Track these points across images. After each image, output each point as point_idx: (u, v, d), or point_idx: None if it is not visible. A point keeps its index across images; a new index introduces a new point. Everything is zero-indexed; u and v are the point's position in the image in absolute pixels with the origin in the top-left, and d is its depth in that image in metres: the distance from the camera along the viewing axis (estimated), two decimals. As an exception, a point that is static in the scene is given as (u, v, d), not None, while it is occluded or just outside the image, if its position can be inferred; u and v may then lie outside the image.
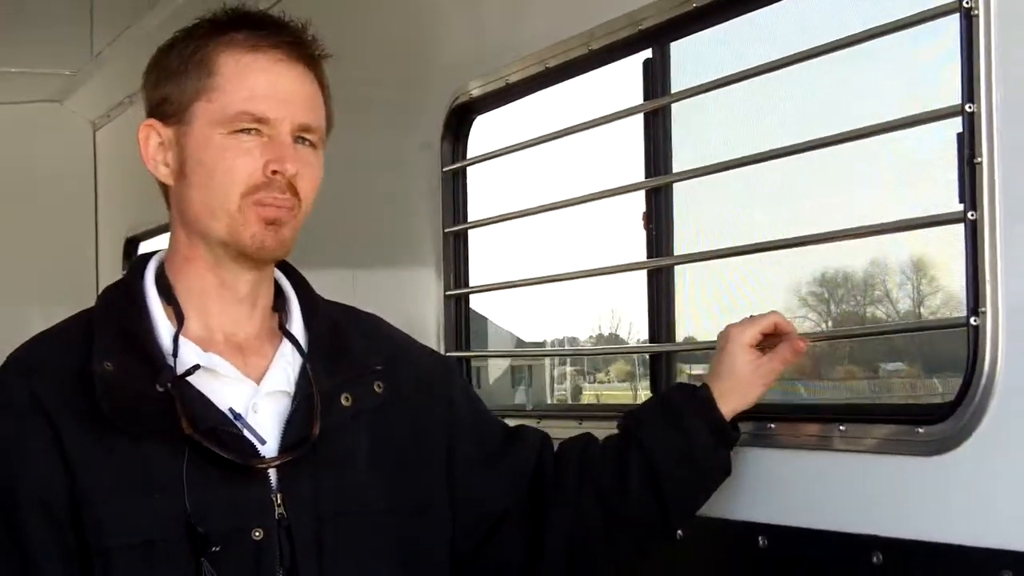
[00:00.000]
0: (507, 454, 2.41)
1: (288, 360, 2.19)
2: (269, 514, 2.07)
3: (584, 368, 4.93)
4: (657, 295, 2.92)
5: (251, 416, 2.12)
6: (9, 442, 2.07)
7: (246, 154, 2.10)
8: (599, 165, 3.28)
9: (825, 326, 2.66)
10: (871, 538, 2.24)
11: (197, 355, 2.12)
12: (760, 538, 2.47)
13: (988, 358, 2.07)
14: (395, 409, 2.25)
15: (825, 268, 2.64)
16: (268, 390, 2.15)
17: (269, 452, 2.10)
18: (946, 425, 2.13)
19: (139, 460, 2.05)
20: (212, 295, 2.18)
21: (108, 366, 2.07)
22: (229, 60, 2.13)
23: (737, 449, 2.55)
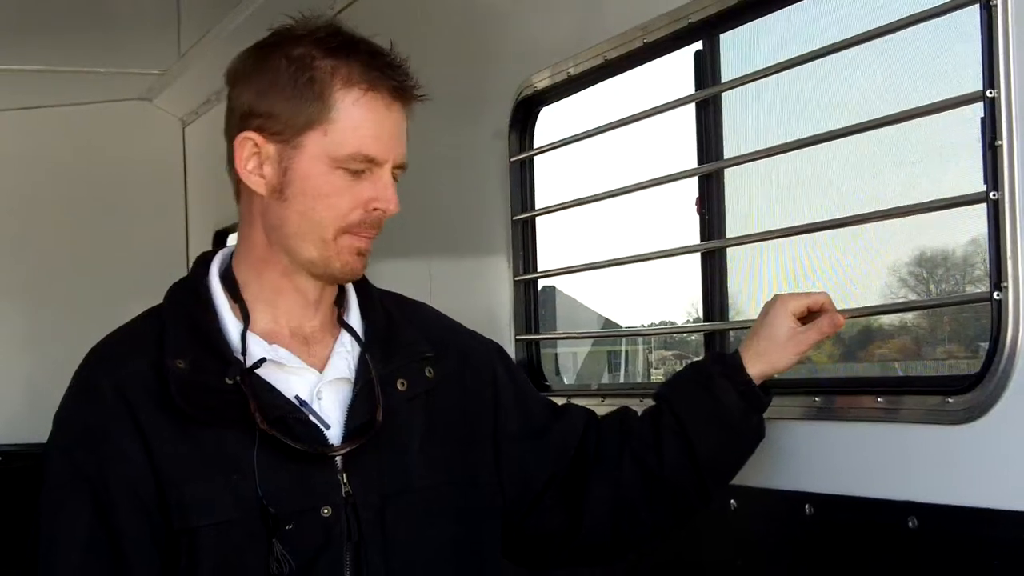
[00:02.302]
0: (551, 429, 2.48)
1: (347, 349, 2.30)
2: (336, 493, 2.19)
3: (650, 347, 5.04)
4: (711, 276, 3.04)
5: (316, 403, 2.23)
6: (98, 430, 2.19)
7: (350, 191, 2.19)
8: (655, 153, 3.40)
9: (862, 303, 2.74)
10: (907, 503, 2.35)
11: (263, 348, 2.23)
12: (807, 506, 2.58)
13: (1011, 330, 2.17)
14: (444, 391, 2.35)
15: (863, 247, 2.75)
16: (330, 378, 2.26)
17: (333, 436, 2.22)
18: (973, 395, 2.24)
19: (214, 447, 2.17)
20: (284, 295, 2.28)
21: (180, 363, 2.18)
22: (347, 97, 2.18)
23: (785, 423, 2.67)
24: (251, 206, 2.28)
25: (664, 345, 5.35)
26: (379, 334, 2.34)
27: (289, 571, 2.14)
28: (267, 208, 2.24)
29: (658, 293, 3.95)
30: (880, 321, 3.19)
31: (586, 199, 3.54)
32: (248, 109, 2.23)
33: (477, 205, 4.02)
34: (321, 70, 2.19)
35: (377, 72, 2.20)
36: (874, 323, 3.62)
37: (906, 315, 3.08)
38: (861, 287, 2.78)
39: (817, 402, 2.61)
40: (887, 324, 3.42)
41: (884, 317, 3.00)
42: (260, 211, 2.26)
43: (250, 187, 2.25)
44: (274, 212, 2.24)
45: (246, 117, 2.24)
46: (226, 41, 5.48)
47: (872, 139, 2.51)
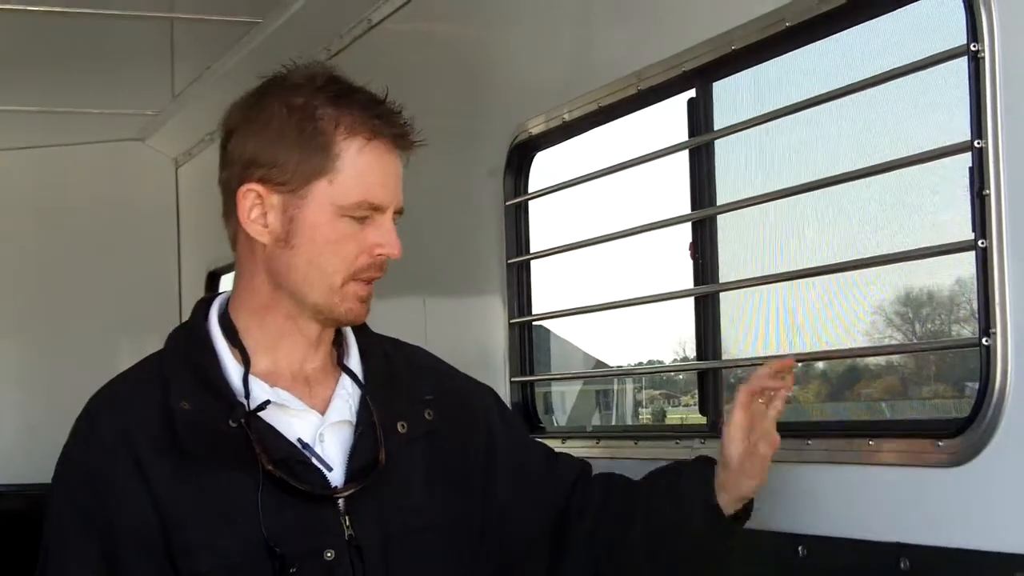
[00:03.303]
0: (541, 482, 2.49)
1: (348, 392, 2.32)
2: (339, 535, 2.21)
3: (640, 386, 5.09)
4: (704, 318, 3.09)
5: (318, 445, 2.25)
6: (101, 476, 2.21)
7: (355, 238, 2.22)
8: (649, 198, 3.45)
9: (852, 346, 2.80)
10: (899, 545, 2.39)
11: (265, 391, 2.24)
12: (800, 548, 2.62)
13: (999, 375, 2.22)
14: (444, 433, 2.37)
15: (853, 292, 2.80)
16: (333, 420, 2.28)
17: (335, 478, 2.24)
18: (962, 438, 2.29)
19: (219, 490, 2.19)
20: (286, 338, 2.30)
21: (185, 405, 2.20)
22: (351, 146, 2.21)
23: (777, 466, 2.70)
24: (252, 254, 2.29)
25: (654, 385, 5.40)
26: (378, 377, 2.36)
27: None
28: (271, 256, 2.26)
29: (649, 334, 3.99)
30: (869, 363, 3.24)
31: (580, 243, 3.59)
32: (250, 159, 2.24)
33: (472, 247, 4.07)
34: (324, 120, 2.21)
35: (378, 120, 2.23)
36: (861, 364, 3.68)
37: (896, 359, 3.13)
38: (851, 330, 2.83)
39: (809, 445, 2.65)
40: (875, 365, 3.48)
41: (876, 361, 3.06)
42: (263, 259, 2.27)
43: (252, 236, 2.26)
44: (280, 260, 2.25)
45: (248, 167, 2.24)
46: (220, 82, 5.54)
47: (862, 187, 2.57)
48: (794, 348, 2.83)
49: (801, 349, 2.85)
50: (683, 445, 3.02)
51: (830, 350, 2.58)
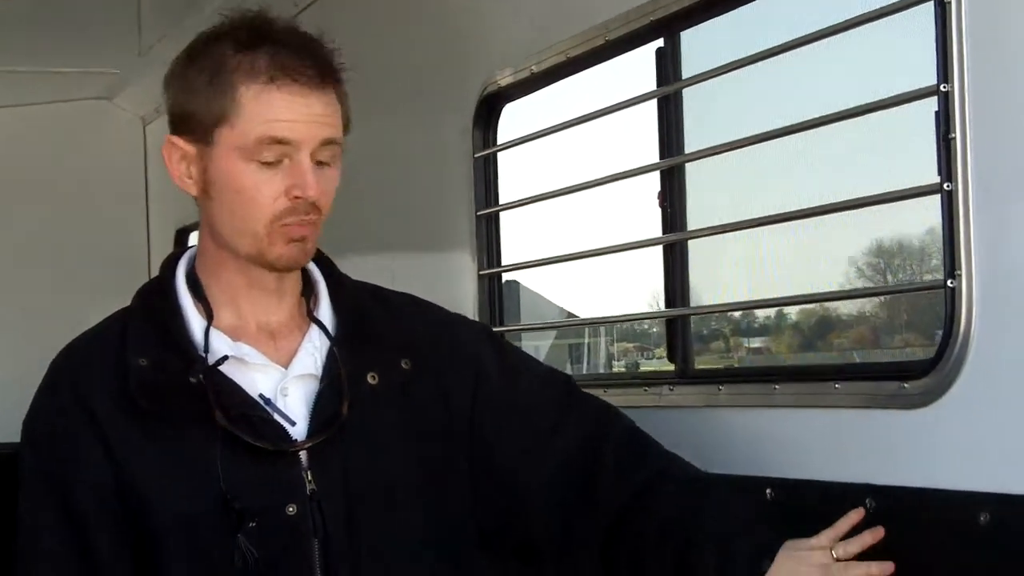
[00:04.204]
0: (544, 431, 2.43)
1: (315, 345, 2.29)
2: (301, 491, 2.19)
3: (612, 339, 5.12)
4: (672, 266, 3.11)
5: (280, 400, 2.23)
6: (60, 434, 2.22)
7: (268, 183, 2.17)
8: (618, 149, 3.47)
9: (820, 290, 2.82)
10: (865, 486, 2.42)
11: (228, 345, 2.24)
12: (768, 490, 2.64)
13: (964, 317, 2.24)
14: (422, 382, 2.33)
15: (821, 238, 2.82)
16: (296, 374, 2.26)
17: (299, 433, 2.22)
18: (927, 380, 2.31)
19: (177, 446, 2.19)
20: (242, 292, 2.28)
21: (143, 361, 2.21)
22: (251, 89, 2.17)
23: (746, 410, 2.74)
24: (199, 209, 2.30)
25: (627, 337, 5.43)
26: (350, 327, 2.33)
27: (255, 567, 2.14)
28: (206, 211, 2.27)
29: (620, 286, 4.01)
30: (839, 311, 3.27)
31: (549, 194, 3.60)
32: (173, 113, 2.26)
33: (441, 201, 4.07)
34: (229, 66, 2.18)
35: (283, 60, 2.18)
36: (833, 314, 3.71)
37: (865, 306, 3.16)
38: (819, 277, 2.85)
39: (777, 389, 2.68)
40: (846, 314, 3.51)
41: (844, 308, 3.09)
42: (203, 216, 2.28)
43: (187, 192, 2.27)
44: (210, 213, 2.25)
45: (173, 121, 2.26)
46: (187, 39, 5.45)
47: (829, 133, 2.58)
48: (762, 295, 2.85)
49: (769, 295, 2.88)
50: (652, 392, 3.04)
51: (798, 295, 2.60)
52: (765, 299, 2.85)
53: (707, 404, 2.87)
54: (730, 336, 5.68)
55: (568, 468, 2.43)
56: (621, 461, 2.44)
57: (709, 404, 2.87)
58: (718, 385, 2.85)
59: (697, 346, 2.99)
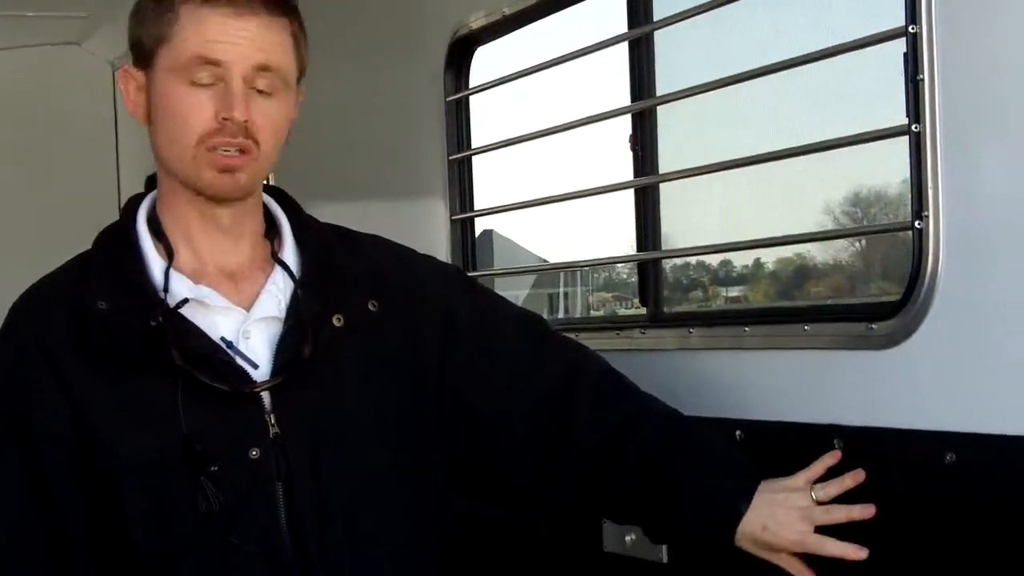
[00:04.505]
0: (519, 374, 2.43)
1: (279, 287, 2.27)
2: (264, 434, 2.18)
3: (589, 289, 5.13)
4: (644, 210, 3.11)
5: (243, 343, 2.21)
6: (19, 378, 2.21)
7: (199, 105, 2.15)
8: (590, 93, 3.46)
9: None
10: (833, 427, 2.44)
11: (188, 288, 2.21)
12: (738, 432, 2.66)
13: (931, 258, 2.26)
14: (390, 324, 2.32)
15: (791, 181, 2.84)
16: (258, 316, 2.23)
17: (261, 376, 2.19)
18: (895, 321, 2.33)
19: (137, 390, 2.17)
20: (197, 229, 2.26)
21: (102, 305, 2.18)
22: (188, 7, 2.16)
23: (715, 353, 2.76)
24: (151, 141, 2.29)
25: (605, 287, 5.44)
26: (315, 268, 2.31)
27: (219, 510, 2.14)
28: (152, 139, 2.25)
29: (594, 233, 4.02)
30: (815, 261, 3.28)
31: (521, 138, 3.59)
32: (129, 45, 2.26)
33: (413, 146, 4.05)
34: None
35: None
36: (809, 263, 3.73)
37: (840, 256, 3.18)
38: (789, 218, 2.86)
39: (746, 332, 2.69)
40: (821, 263, 3.53)
41: (819, 257, 3.10)
42: (151, 144, 2.27)
43: (139, 122, 2.26)
44: (154, 140, 2.24)
45: (129, 53, 2.27)
46: (157, -17, 5.44)
47: (799, 76, 2.58)
48: (733, 237, 2.86)
49: (740, 238, 2.88)
50: (624, 336, 3.06)
51: (768, 238, 2.61)
52: (736, 242, 2.85)
53: (678, 347, 2.89)
54: (709, 286, 5.71)
55: (542, 408, 2.44)
56: (596, 401, 2.45)
57: (680, 347, 2.88)
58: (689, 328, 2.87)
59: (676, 295, 2.98)
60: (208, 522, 2.14)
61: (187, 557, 2.16)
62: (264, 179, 2.31)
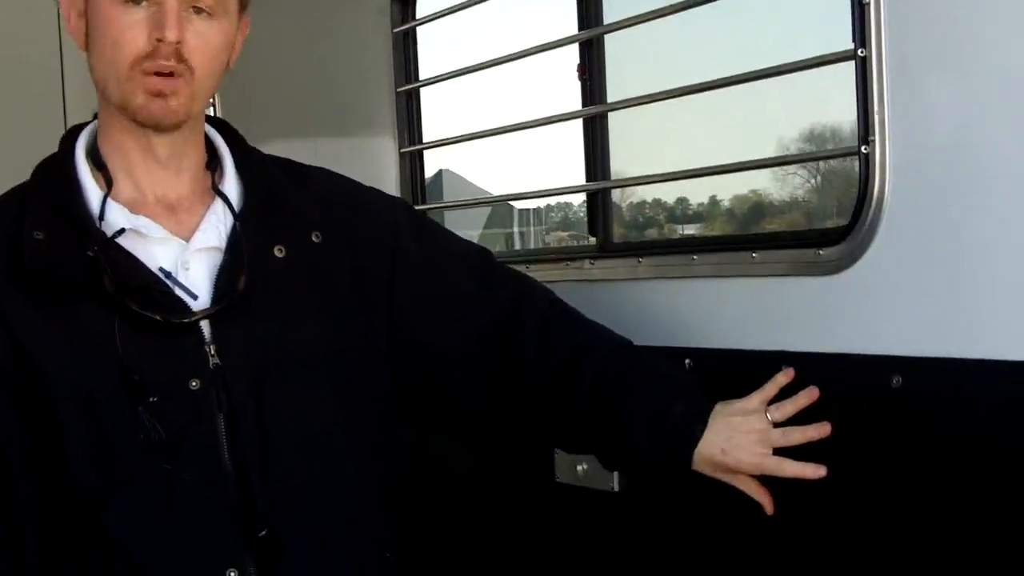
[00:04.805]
0: (466, 307, 2.43)
1: (219, 217, 2.25)
2: (203, 365, 2.16)
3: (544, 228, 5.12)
4: (592, 140, 3.10)
5: (182, 274, 2.19)
6: None
7: (133, 25, 2.12)
8: (540, 23, 3.43)
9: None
10: (782, 353, 2.45)
11: (126, 218, 2.19)
12: (687, 360, 2.66)
13: (877, 183, 2.27)
14: (335, 256, 2.31)
15: (738, 107, 2.82)
16: (198, 247, 2.22)
17: (201, 307, 2.18)
18: (842, 246, 2.34)
19: (75, 321, 2.14)
20: (135, 158, 2.23)
21: (39, 235, 2.15)
22: None
23: (665, 282, 2.76)
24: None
25: (559, 226, 5.42)
26: (257, 199, 2.29)
27: (159, 441, 2.12)
28: (90, 64, 2.22)
29: (546, 170, 4.00)
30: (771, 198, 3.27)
31: (469, 68, 3.56)
32: None
33: (361, 79, 4.01)
34: None
35: None
36: (765, 199, 3.73)
37: (796, 192, 3.18)
38: (737, 145, 2.85)
39: (695, 260, 2.69)
40: (777, 200, 3.53)
41: (775, 194, 3.10)
42: (90, 68, 2.23)
43: (79, 46, 2.23)
44: (91, 63, 2.21)
45: None
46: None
47: (748, 3, 2.57)
48: (681, 165, 2.85)
49: (688, 166, 2.87)
50: (573, 267, 3.05)
51: (716, 166, 2.59)
52: (685, 170, 2.85)
53: (627, 277, 2.89)
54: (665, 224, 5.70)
55: (491, 339, 2.44)
56: (545, 331, 2.44)
57: (629, 277, 2.88)
58: (638, 258, 2.86)
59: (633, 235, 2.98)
60: (149, 454, 2.12)
61: (128, 489, 2.14)
62: (202, 107, 2.27)
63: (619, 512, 2.91)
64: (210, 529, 2.15)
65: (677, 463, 2.34)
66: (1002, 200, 2.09)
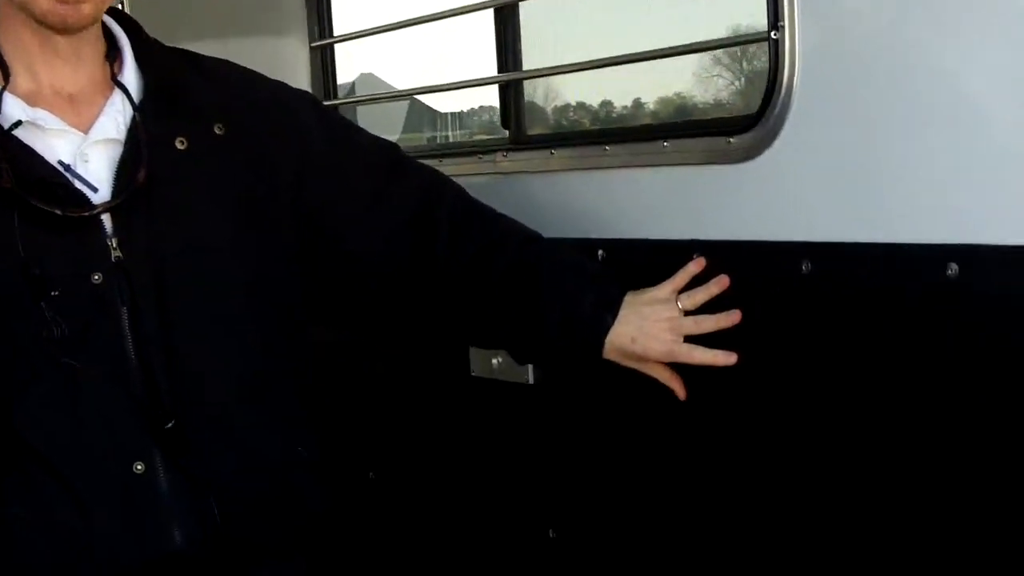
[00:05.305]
0: (374, 196, 2.41)
1: (119, 109, 2.21)
2: (106, 259, 2.13)
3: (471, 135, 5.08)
4: (503, 30, 3.06)
5: (81, 166, 2.16)
6: None
7: None
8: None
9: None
10: (692, 242, 2.45)
11: (22, 110, 2.15)
12: (600, 251, 2.66)
13: (787, 69, 2.26)
14: (238, 148, 2.27)
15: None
16: (97, 138, 2.18)
17: (102, 200, 2.14)
18: (753, 134, 2.33)
19: None
20: (35, 52, 2.19)
21: None
22: None
23: (577, 173, 2.75)
24: None
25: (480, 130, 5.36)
26: (157, 91, 2.25)
27: (61, 336, 2.09)
28: None
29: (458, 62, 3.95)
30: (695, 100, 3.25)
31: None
32: None
33: (275, 32, 3.92)
34: None
35: None
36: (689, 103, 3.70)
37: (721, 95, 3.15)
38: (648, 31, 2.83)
39: (607, 151, 2.68)
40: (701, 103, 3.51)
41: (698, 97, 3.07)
42: None
43: None
44: None
45: None
46: None
47: None
48: (595, 55, 2.81)
49: (602, 55, 2.84)
50: (486, 160, 3.03)
51: (627, 54, 2.57)
52: (597, 59, 2.81)
53: (540, 169, 2.87)
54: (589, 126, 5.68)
55: (402, 233, 2.42)
56: (455, 227, 2.44)
57: (542, 169, 2.86)
58: (550, 149, 2.85)
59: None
60: (53, 348, 2.09)
61: (36, 385, 2.11)
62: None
63: (534, 404, 2.92)
64: (117, 424, 2.14)
65: (588, 353, 2.35)
66: (912, 86, 2.10)
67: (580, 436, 2.82)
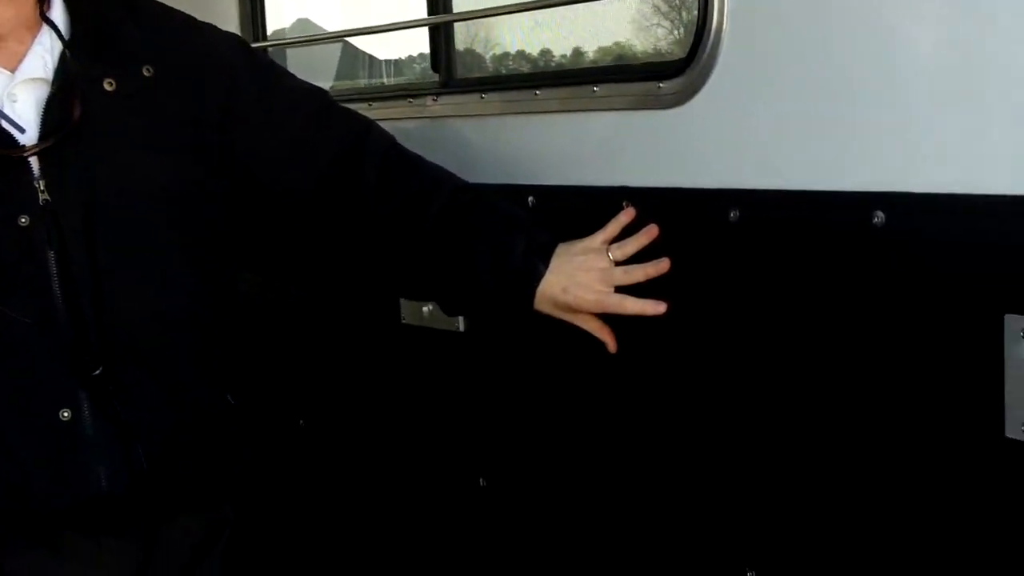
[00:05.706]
0: (303, 147, 2.38)
1: (47, 48, 2.17)
2: (33, 201, 2.09)
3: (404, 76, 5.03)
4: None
5: (8, 106, 2.12)
6: None
7: None
8: None
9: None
10: (621, 189, 2.43)
11: None
12: (530, 198, 2.64)
13: (716, 14, 2.23)
14: (168, 90, 2.23)
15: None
16: (24, 77, 2.14)
17: (29, 140, 2.11)
18: (682, 79, 2.31)
19: None
20: None
21: None
22: None
23: (507, 118, 2.71)
24: None
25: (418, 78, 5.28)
26: (86, 30, 2.20)
27: None
28: None
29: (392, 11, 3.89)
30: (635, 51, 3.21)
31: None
32: None
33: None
34: None
35: None
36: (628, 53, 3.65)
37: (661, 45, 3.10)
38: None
39: (538, 95, 2.64)
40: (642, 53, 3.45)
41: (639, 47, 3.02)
42: None
43: None
44: None
45: None
46: None
47: None
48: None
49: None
50: (416, 104, 2.99)
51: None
52: (529, 1, 2.77)
53: (471, 113, 2.83)
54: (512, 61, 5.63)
55: (328, 183, 2.39)
56: (384, 173, 2.40)
57: (472, 113, 2.83)
58: (481, 94, 2.81)
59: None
60: None
61: None
62: None
63: (464, 352, 2.90)
64: (44, 369, 2.11)
65: (519, 303, 2.33)
66: (844, 32, 2.08)
67: (510, 384, 2.80)
